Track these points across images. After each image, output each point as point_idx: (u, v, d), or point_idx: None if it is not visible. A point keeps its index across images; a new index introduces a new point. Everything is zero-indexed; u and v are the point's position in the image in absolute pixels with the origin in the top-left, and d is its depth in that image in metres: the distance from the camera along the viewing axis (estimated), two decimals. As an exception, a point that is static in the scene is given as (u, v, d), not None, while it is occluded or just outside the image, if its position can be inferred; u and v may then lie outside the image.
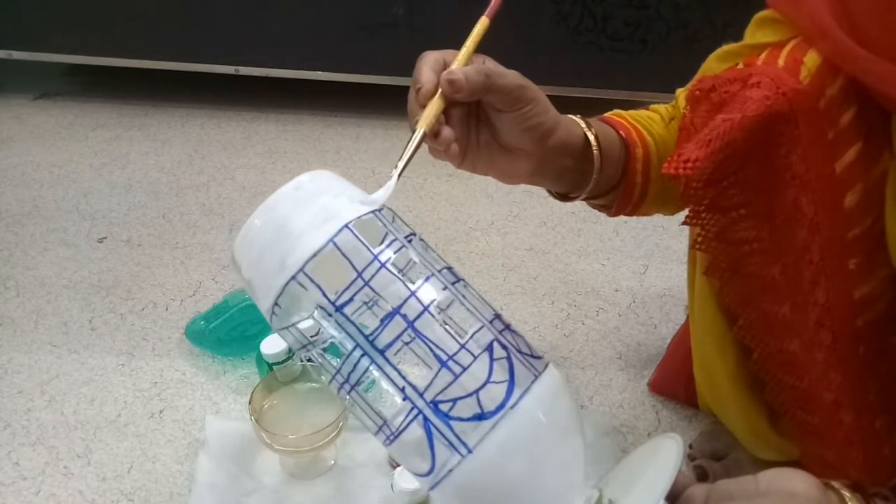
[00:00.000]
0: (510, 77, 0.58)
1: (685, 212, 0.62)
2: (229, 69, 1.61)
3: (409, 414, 0.49)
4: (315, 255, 0.48)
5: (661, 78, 1.58)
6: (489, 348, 0.49)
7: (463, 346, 0.48)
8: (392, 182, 0.55)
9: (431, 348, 0.48)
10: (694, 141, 0.53)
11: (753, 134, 0.52)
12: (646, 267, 1.19)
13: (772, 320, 0.62)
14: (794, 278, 0.57)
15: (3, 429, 0.85)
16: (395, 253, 0.50)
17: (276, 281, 0.50)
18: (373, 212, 0.51)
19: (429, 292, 0.50)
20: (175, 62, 1.61)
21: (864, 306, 0.57)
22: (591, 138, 0.65)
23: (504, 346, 0.50)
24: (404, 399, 0.49)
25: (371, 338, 0.49)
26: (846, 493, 0.46)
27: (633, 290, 1.14)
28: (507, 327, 0.52)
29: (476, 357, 0.48)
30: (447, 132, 0.57)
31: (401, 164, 0.55)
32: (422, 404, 0.48)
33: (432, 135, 0.57)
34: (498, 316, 0.52)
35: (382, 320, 0.49)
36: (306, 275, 0.49)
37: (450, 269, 0.52)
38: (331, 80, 1.62)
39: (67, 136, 1.56)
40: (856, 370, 0.59)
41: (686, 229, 0.67)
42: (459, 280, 0.52)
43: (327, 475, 0.80)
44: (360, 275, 0.49)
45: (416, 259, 0.51)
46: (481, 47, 0.61)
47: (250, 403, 0.77)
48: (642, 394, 0.94)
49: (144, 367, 0.95)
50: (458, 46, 0.61)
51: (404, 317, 0.49)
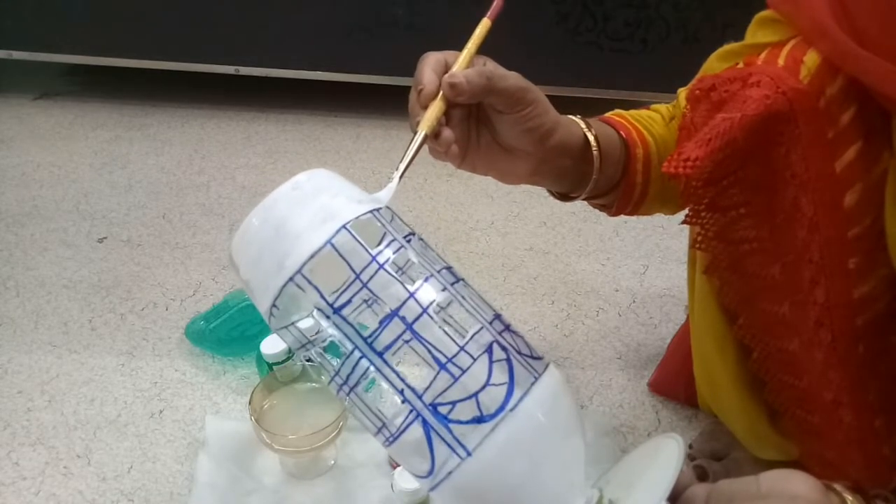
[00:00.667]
0: (511, 79, 0.58)
1: (685, 211, 0.62)
2: (229, 69, 1.61)
3: (408, 416, 0.49)
4: (313, 257, 0.48)
5: (661, 78, 1.58)
6: (488, 350, 0.49)
7: (462, 348, 0.48)
8: (394, 183, 0.55)
9: (430, 350, 0.48)
10: (694, 140, 0.53)
11: (753, 133, 0.52)
12: (646, 267, 1.19)
13: (771, 319, 0.62)
14: (794, 277, 0.57)
15: (3, 429, 0.85)
16: (393, 253, 0.50)
17: (273, 282, 0.49)
18: (371, 211, 0.51)
19: (428, 293, 0.49)
20: (175, 62, 1.61)
21: (864, 306, 0.57)
22: (591, 139, 0.65)
23: (504, 348, 0.49)
24: (403, 401, 0.49)
25: (369, 340, 0.49)
26: (848, 496, 0.46)
27: (633, 290, 1.14)
28: (507, 328, 0.51)
29: (475, 359, 0.48)
30: (447, 133, 0.58)
31: (402, 165, 0.56)
32: (420, 406, 0.48)
33: (433, 136, 0.58)
34: (498, 316, 0.52)
35: (381, 322, 0.49)
36: (304, 276, 0.49)
37: (449, 269, 0.52)
38: (331, 80, 1.62)
39: (67, 136, 1.56)
40: (855, 369, 0.59)
41: (686, 229, 0.67)
42: (459, 280, 0.52)
43: (327, 475, 0.80)
44: (357, 276, 0.49)
45: (415, 259, 0.51)
46: (482, 48, 0.61)
47: (250, 403, 0.77)
48: (642, 394, 0.94)
49: (144, 367, 0.95)
50: (458, 47, 0.61)
51: (403, 319, 0.49)
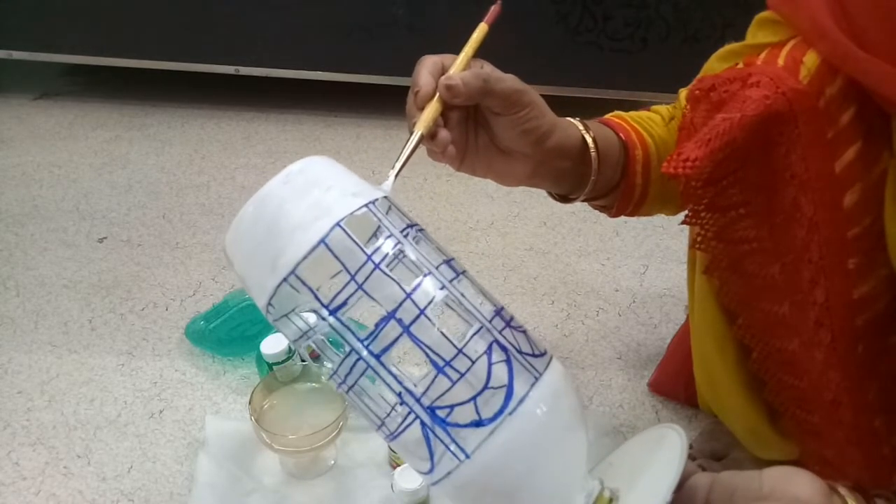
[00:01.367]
0: (507, 81, 0.59)
1: (685, 212, 0.62)
2: (229, 69, 1.61)
3: (406, 417, 0.48)
4: (305, 258, 0.47)
5: (661, 78, 1.58)
6: (488, 351, 0.48)
7: (460, 350, 0.47)
8: (390, 182, 0.55)
9: (427, 354, 0.47)
10: (693, 140, 0.53)
11: (753, 133, 0.52)
12: (646, 267, 1.19)
13: (771, 319, 0.62)
14: (794, 277, 0.57)
15: (3, 429, 0.85)
16: (390, 251, 0.48)
17: (268, 282, 0.48)
18: (367, 205, 0.49)
19: (425, 293, 0.48)
20: (175, 62, 1.61)
21: (864, 306, 0.57)
22: (589, 140, 0.65)
23: (504, 348, 0.48)
24: (401, 403, 0.48)
25: (366, 342, 0.48)
26: (850, 501, 0.46)
27: (633, 290, 1.14)
28: (509, 324, 0.50)
29: (474, 362, 0.47)
30: (444, 134, 0.58)
31: (398, 165, 0.56)
32: (419, 409, 0.47)
33: (429, 137, 0.58)
34: (499, 312, 0.51)
35: (377, 325, 0.48)
36: (298, 277, 0.48)
37: (449, 263, 0.51)
38: (331, 80, 1.62)
39: (67, 136, 1.56)
40: (855, 369, 0.59)
41: (686, 229, 0.67)
42: (459, 275, 0.50)
43: (327, 475, 0.80)
44: (353, 277, 0.48)
45: (413, 256, 0.49)
46: (482, 47, 0.61)
47: (250, 403, 0.77)
48: (642, 394, 0.94)
49: (144, 367, 0.95)
50: (457, 47, 0.61)
51: (399, 321, 0.47)
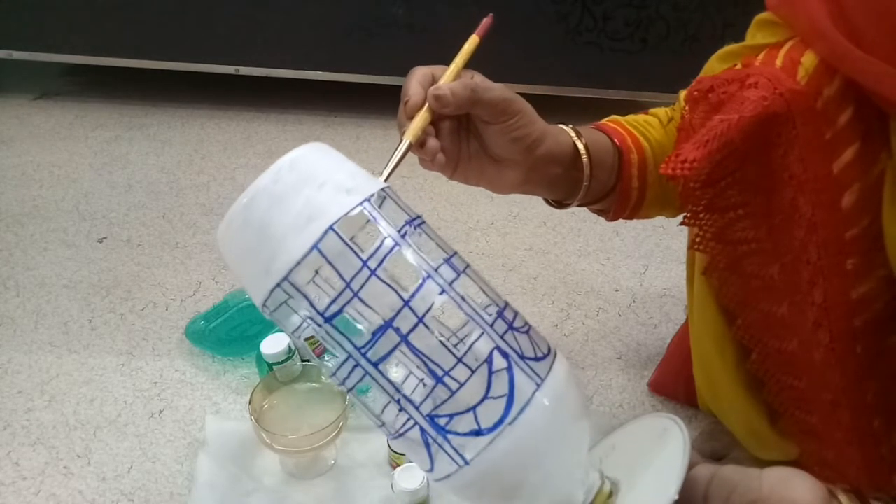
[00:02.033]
0: (496, 91, 0.59)
1: (685, 213, 0.62)
2: (229, 69, 1.61)
3: (406, 423, 0.48)
4: (298, 264, 0.46)
5: (661, 78, 1.58)
6: (489, 360, 0.46)
7: (460, 360, 0.46)
8: None
9: (426, 363, 0.46)
10: (691, 141, 0.53)
11: (751, 134, 0.52)
12: (646, 267, 1.19)
13: (770, 320, 0.62)
14: (792, 278, 0.57)
15: (3, 429, 0.85)
16: (387, 254, 0.47)
17: (262, 284, 0.47)
18: (361, 203, 0.47)
19: (425, 299, 0.46)
20: (175, 62, 1.61)
21: (862, 306, 0.57)
22: (580, 146, 0.66)
23: (505, 355, 0.47)
24: (400, 410, 0.47)
25: (363, 350, 0.47)
26: None
27: (633, 290, 1.14)
28: (511, 326, 0.49)
29: (474, 371, 0.46)
30: (432, 142, 0.58)
31: (385, 172, 0.56)
32: (418, 416, 0.47)
33: (418, 145, 0.58)
34: (501, 313, 0.49)
35: (374, 334, 0.46)
36: (291, 283, 0.46)
37: (449, 261, 0.49)
38: (331, 80, 1.62)
39: (67, 136, 1.56)
40: (854, 370, 0.59)
41: (686, 229, 0.67)
42: (460, 274, 0.49)
43: (327, 475, 0.80)
44: (348, 285, 0.46)
45: (412, 259, 0.47)
46: (481, 52, 0.62)
47: (250, 403, 0.77)
48: (642, 394, 0.94)
49: (144, 367, 0.95)
50: (456, 47, 0.61)
51: (397, 330, 0.46)
